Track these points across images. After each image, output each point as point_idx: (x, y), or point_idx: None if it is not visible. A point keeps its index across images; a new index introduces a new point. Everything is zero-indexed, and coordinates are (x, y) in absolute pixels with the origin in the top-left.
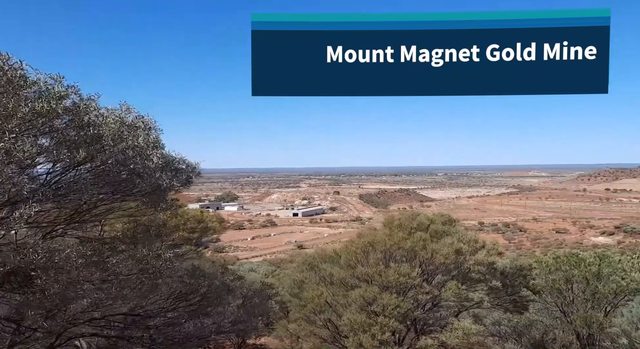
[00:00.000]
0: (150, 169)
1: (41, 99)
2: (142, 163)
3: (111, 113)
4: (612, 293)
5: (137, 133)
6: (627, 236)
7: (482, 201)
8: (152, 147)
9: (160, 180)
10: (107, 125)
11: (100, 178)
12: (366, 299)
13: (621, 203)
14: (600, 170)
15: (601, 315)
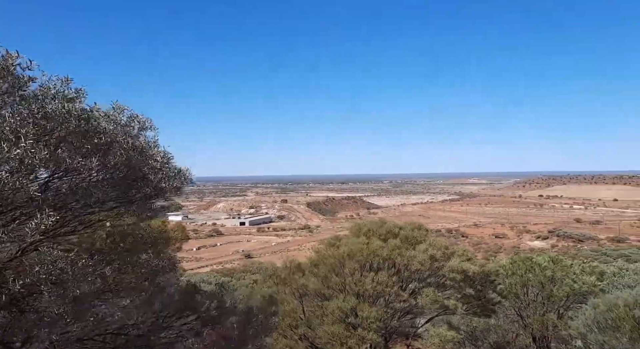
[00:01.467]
0: (156, 169)
1: (53, 101)
2: (146, 163)
3: (110, 114)
4: (565, 296)
5: (134, 133)
6: (560, 240)
7: (426, 208)
8: (153, 147)
9: (163, 182)
10: (116, 129)
11: (105, 182)
12: (344, 310)
13: (553, 208)
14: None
15: (555, 317)
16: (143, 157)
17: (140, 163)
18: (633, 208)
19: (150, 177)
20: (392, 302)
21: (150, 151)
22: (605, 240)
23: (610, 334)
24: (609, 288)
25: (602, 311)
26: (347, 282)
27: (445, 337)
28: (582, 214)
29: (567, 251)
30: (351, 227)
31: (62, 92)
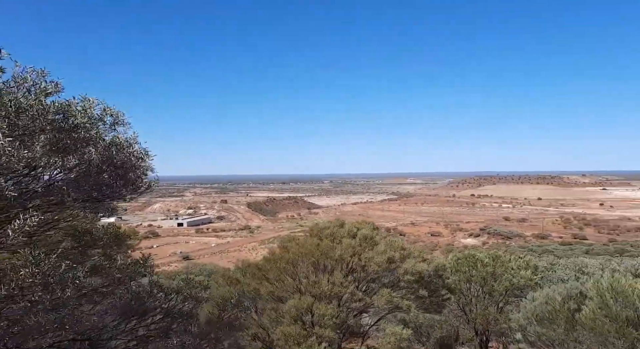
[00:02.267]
0: (136, 166)
1: (29, 94)
2: (126, 159)
3: (87, 108)
4: (505, 290)
5: (107, 127)
6: (490, 237)
7: (366, 208)
8: (133, 143)
9: (140, 180)
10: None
11: (83, 180)
12: (299, 309)
13: (484, 207)
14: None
15: (496, 311)
16: (124, 154)
17: (123, 159)
18: (554, 207)
19: (131, 175)
20: (348, 302)
21: (131, 148)
22: (530, 236)
23: (548, 326)
24: (543, 281)
25: (540, 304)
26: (301, 283)
27: (402, 335)
28: (510, 212)
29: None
30: (310, 227)
31: (39, 84)
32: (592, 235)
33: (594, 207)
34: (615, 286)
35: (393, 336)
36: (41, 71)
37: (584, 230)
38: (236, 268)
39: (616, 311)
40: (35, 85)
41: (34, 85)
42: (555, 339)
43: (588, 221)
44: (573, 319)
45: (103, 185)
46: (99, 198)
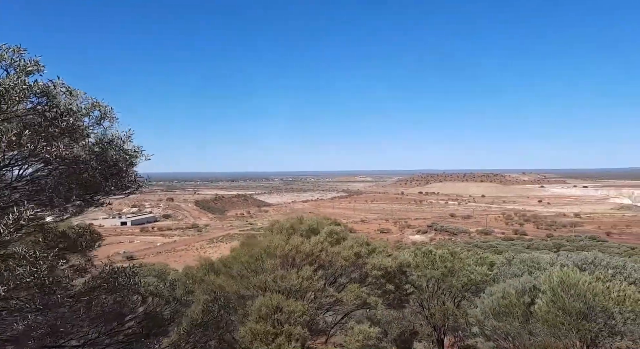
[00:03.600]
0: (130, 164)
1: (7, 74)
2: (120, 157)
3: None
4: (462, 286)
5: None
6: (437, 234)
7: (316, 205)
8: (127, 140)
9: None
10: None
11: (71, 178)
12: (269, 307)
13: (431, 204)
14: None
15: (453, 307)
16: (117, 151)
17: (116, 157)
18: (497, 204)
19: (123, 175)
20: (318, 297)
21: (125, 145)
22: (475, 232)
23: (504, 320)
24: (498, 277)
25: (497, 298)
26: (267, 280)
27: (369, 333)
28: (456, 209)
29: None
30: (271, 223)
31: (18, 62)
32: (531, 230)
33: (533, 204)
34: (567, 280)
35: (361, 334)
36: (17, 48)
37: (524, 225)
38: (199, 266)
39: (568, 304)
40: (13, 63)
41: (12, 63)
42: (510, 332)
43: (528, 218)
44: (528, 313)
45: (93, 184)
46: (87, 199)
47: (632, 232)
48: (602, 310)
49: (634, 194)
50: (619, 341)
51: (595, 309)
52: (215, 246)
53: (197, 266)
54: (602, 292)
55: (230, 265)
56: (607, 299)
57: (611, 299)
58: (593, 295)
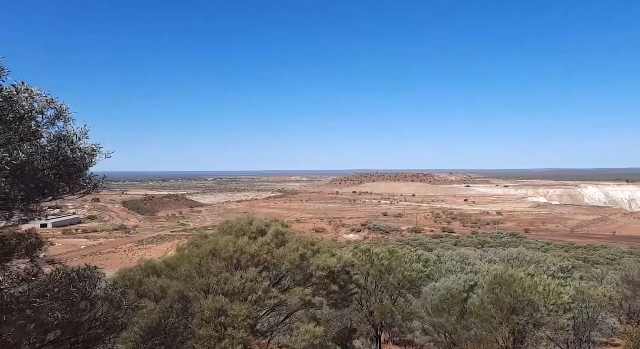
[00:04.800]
0: (87, 163)
1: None
2: (76, 156)
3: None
4: (399, 283)
5: None
6: (371, 232)
7: (251, 205)
8: (82, 137)
9: None
10: None
11: (23, 179)
12: (212, 310)
13: (365, 203)
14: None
15: (391, 304)
16: (73, 150)
17: (71, 156)
18: (427, 203)
19: (79, 174)
20: (263, 299)
21: (80, 143)
22: (406, 230)
23: (442, 316)
24: (432, 273)
25: (440, 295)
26: (212, 282)
27: (315, 333)
28: (388, 208)
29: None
30: (219, 225)
31: None
32: (458, 228)
33: (460, 203)
34: (501, 276)
35: (307, 334)
36: None
37: (452, 223)
38: (138, 267)
39: (501, 299)
40: None
41: None
42: (446, 327)
43: (455, 216)
44: (464, 308)
45: (46, 184)
46: (36, 200)
47: (547, 228)
48: (528, 303)
49: (548, 193)
50: (542, 331)
51: (523, 303)
52: (145, 247)
53: (135, 268)
54: (530, 287)
55: (174, 266)
56: (534, 293)
57: (537, 293)
58: (522, 290)
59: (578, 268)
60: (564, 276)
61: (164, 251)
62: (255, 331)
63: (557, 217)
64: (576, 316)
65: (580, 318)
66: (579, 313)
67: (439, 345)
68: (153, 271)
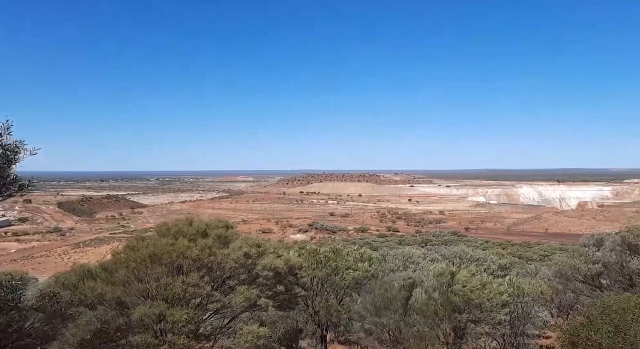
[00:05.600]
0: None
1: None
2: None
3: None
4: (345, 283)
5: None
6: (318, 232)
7: (196, 206)
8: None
9: None
10: None
11: None
12: (151, 316)
13: (312, 203)
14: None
15: (337, 303)
16: None
17: None
18: (373, 202)
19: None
20: (205, 303)
21: (4, 140)
22: (352, 230)
23: (384, 314)
24: (377, 272)
25: (378, 293)
26: (151, 287)
27: (259, 333)
28: (335, 208)
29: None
30: (156, 227)
31: None
32: (403, 227)
33: (404, 202)
34: (441, 273)
35: (250, 335)
36: None
37: (397, 223)
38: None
39: (443, 296)
40: None
41: None
42: (390, 325)
43: (400, 215)
44: (406, 306)
45: None
46: None
47: (486, 227)
48: (468, 300)
49: (487, 193)
50: (482, 327)
51: (463, 300)
52: (82, 251)
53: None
54: (469, 284)
55: (112, 270)
56: (472, 290)
57: (476, 290)
58: (462, 287)
59: (514, 265)
60: (502, 274)
61: (102, 255)
62: (198, 336)
63: (495, 216)
64: (512, 311)
65: (516, 312)
66: (515, 308)
67: (383, 343)
68: (89, 276)
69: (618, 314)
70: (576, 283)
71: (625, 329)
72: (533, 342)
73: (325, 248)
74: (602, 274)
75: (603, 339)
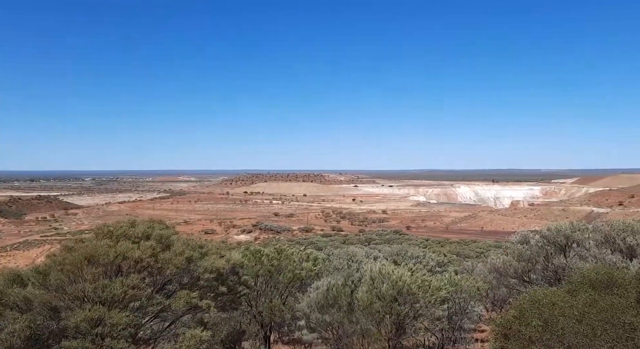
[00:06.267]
0: None
1: None
2: None
3: None
4: (288, 282)
5: None
6: (262, 233)
7: (134, 207)
8: None
9: None
10: None
11: None
12: (88, 321)
13: (256, 204)
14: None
15: (280, 303)
16: None
17: None
18: (317, 202)
19: None
20: (145, 306)
21: None
22: (297, 230)
23: (329, 312)
24: (321, 271)
25: (322, 291)
26: (88, 290)
27: (202, 337)
28: (280, 208)
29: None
30: (96, 228)
31: None
32: (347, 226)
33: (348, 202)
34: (384, 270)
35: (193, 339)
36: None
37: (341, 222)
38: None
39: (384, 292)
40: None
41: None
42: (334, 323)
43: (344, 215)
44: (350, 303)
45: None
46: None
47: (426, 225)
48: (409, 296)
49: (427, 192)
50: (421, 322)
51: (405, 296)
52: (9, 254)
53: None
54: (410, 280)
55: (45, 273)
56: (413, 286)
57: (417, 287)
58: (403, 284)
59: (452, 262)
60: (441, 271)
61: (32, 258)
62: (137, 340)
63: (435, 215)
64: (450, 307)
65: (454, 308)
66: (453, 304)
67: (326, 341)
68: (18, 280)
69: (547, 308)
70: (509, 279)
71: (553, 323)
72: (469, 336)
73: (270, 248)
74: (531, 270)
75: (532, 333)
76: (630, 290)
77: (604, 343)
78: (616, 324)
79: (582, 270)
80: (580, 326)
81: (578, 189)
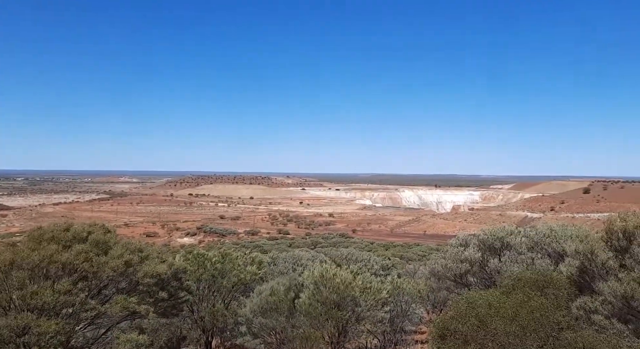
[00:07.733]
0: None
1: None
2: None
3: None
4: (232, 286)
5: None
6: (207, 236)
7: (71, 208)
8: None
9: None
10: None
11: None
12: (13, 329)
13: (201, 206)
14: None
15: (223, 308)
16: None
17: None
18: (264, 205)
19: None
20: (78, 312)
21: None
22: (243, 233)
23: (271, 316)
24: (266, 275)
25: (265, 296)
26: (14, 297)
27: (137, 341)
28: (226, 211)
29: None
30: (29, 232)
31: None
32: (293, 229)
33: (296, 205)
34: (326, 274)
35: (128, 343)
36: None
37: (287, 225)
38: None
39: (326, 296)
40: None
41: None
42: (276, 328)
43: (290, 218)
44: (293, 308)
45: None
46: None
47: (372, 229)
48: (351, 300)
49: (373, 196)
50: (363, 325)
51: (346, 300)
52: None
53: None
54: (352, 284)
55: None
56: (355, 290)
57: (358, 290)
58: (345, 287)
59: (396, 265)
60: (384, 274)
61: None
62: (70, 348)
63: (380, 218)
64: (392, 309)
65: (396, 310)
66: (395, 306)
67: (269, 346)
68: None
69: (483, 308)
70: (448, 281)
71: (488, 322)
72: (410, 338)
73: (214, 251)
74: (469, 272)
75: (468, 331)
76: (563, 291)
77: (533, 341)
78: (545, 323)
79: (517, 272)
80: (512, 325)
81: (514, 195)
